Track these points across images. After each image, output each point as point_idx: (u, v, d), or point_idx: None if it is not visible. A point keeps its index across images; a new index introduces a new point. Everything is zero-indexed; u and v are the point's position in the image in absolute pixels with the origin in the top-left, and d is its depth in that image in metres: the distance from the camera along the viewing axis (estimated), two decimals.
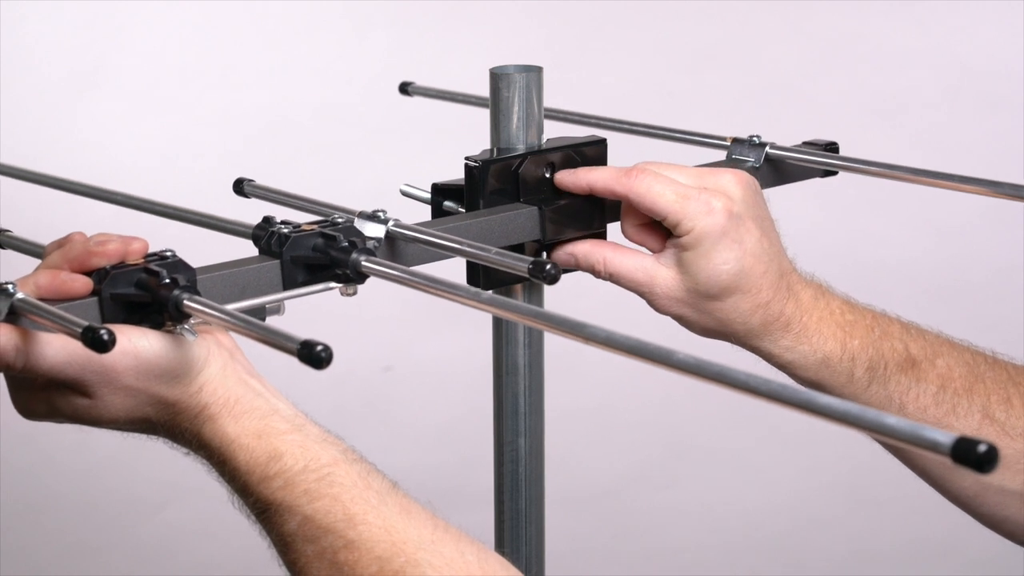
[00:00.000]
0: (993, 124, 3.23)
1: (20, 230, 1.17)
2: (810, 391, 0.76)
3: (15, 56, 3.21)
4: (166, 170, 3.15)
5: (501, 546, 1.28)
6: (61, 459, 2.72)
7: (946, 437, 0.70)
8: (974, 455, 0.69)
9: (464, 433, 2.70)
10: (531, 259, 0.98)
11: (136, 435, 1.03)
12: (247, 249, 1.09)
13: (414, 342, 2.99)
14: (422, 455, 2.73)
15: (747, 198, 1.15)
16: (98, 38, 3.26)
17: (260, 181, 1.26)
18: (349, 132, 3.23)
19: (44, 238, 1.09)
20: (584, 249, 1.19)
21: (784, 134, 1.19)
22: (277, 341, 0.86)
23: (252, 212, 1.20)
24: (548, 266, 0.97)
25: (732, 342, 1.18)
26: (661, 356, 0.82)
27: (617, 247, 1.18)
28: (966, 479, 1.18)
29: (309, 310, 1.15)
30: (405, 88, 1.54)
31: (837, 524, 2.62)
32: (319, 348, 0.83)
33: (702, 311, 1.16)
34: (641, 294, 1.18)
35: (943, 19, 3.31)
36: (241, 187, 1.27)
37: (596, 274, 1.19)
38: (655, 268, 1.16)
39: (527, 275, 0.98)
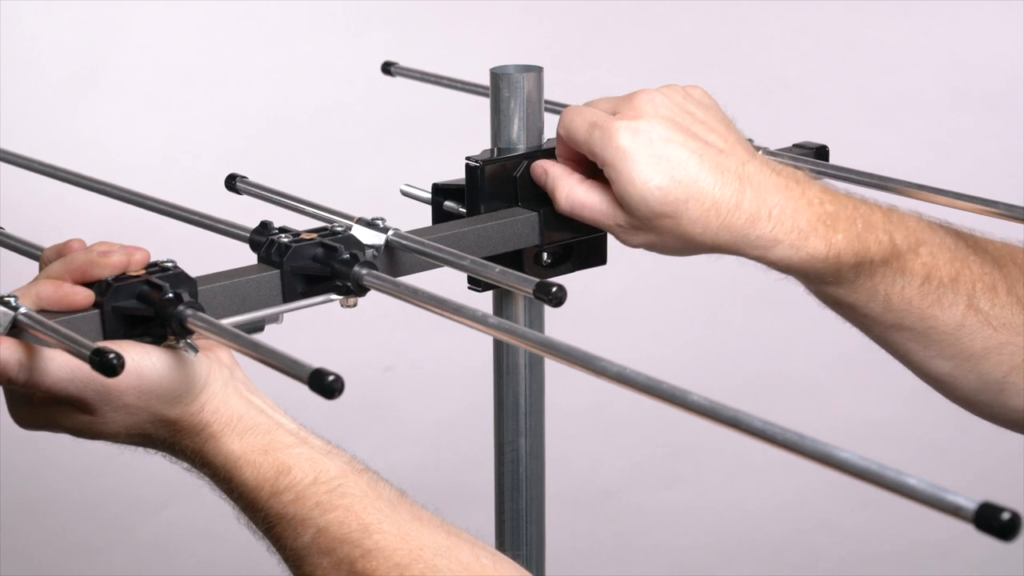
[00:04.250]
0: (993, 124, 3.23)
1: (18, 230, 1.17)
2: (827, 444, 0.74)
3: (15, 56, 3.20)
4: (166, 170, 3.15)
5: (502, 546, 1.28)
6: (61, 459, 2.71)
7: (969, 502, 0.68)
8: (997, 523, 0.67)
9: (464, 433, 2.70)
10: (536, 280, 0.97)
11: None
12: (241, 247, 1.09)
13: (414, 342, 2.99)
14: (422, 455, 2.73)
15: (666, 108, 1.11)
16: (98, 38, 3.26)
17: (260, 181, 1.26)
18: (349, 132, 3.23)
19: (43, 238, 1.09)
20: (556, 172, 1.16)
21: (783, 133, 1.19)
22: (286, 367, 0.85)
23: (248, 210, 1.19)
24: (554, 288, 0.96)
25: (715, 253, 1.14)
26: (675, 397, 0.81)
27: (585, 180, 1.15)
28: (943, 365, 1.17)
29: (309, 311, 1.15)
30: (388, 68, 1.52)
31: (838, 524, 2.62)
32: (331, 378, 0.81)
33: (662, 234, 1.11)
34: (605, 229, 1.16)
35: (943, 19, 3.31)
36: (234, 183, 1.26)
37: (557, 203, 1.16)
38: (614, 204, 1.13)
39: (532, 296, 0.97)
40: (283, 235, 1.05)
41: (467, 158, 1.19)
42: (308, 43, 3.32)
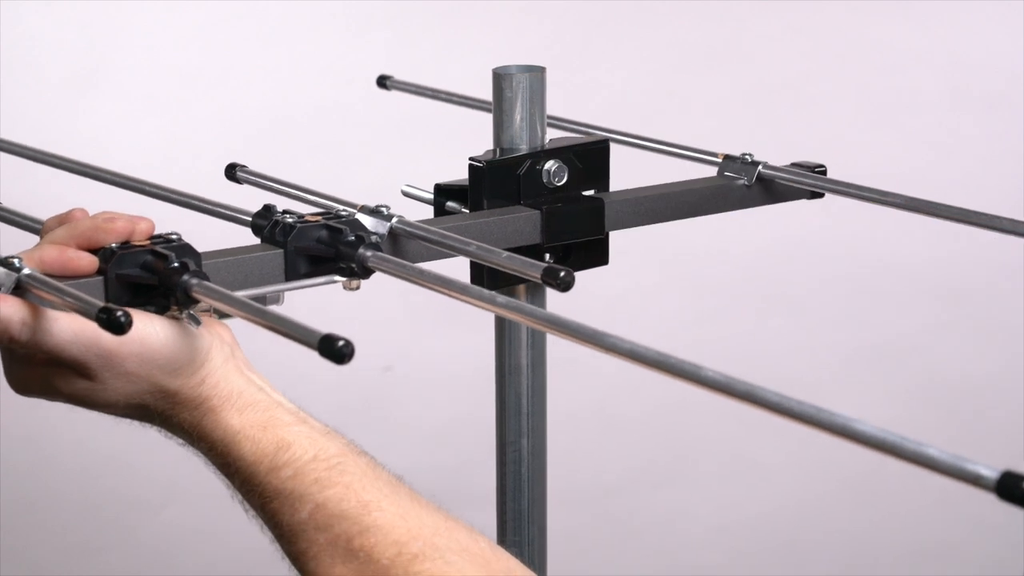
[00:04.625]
0: (993, 124, 3.22)
1: (17, 231, 1.16)
2: (845, 416, 0.73)
3: (15, 56, 3.20)
4: (166, 170, 3.14)
5: (503, 546, 1.28)
6: (61, 459, 2.71)
7: (991, 471, 0.68)
8: (1019, 491, 0.67)
9: (465, 433, 2.70)
10: (544, 264, 0.96)
11: (135, 432, 1.02)
12: (241, 237, 1.08)
13: (414, 342, 2.99)
14: (423, 455, 2.73)
15: None
16: (98, 38, 3.26)
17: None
18: (349, 132, 3.22)
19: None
20: None
21: (784, 134, 1.19)
22: (294, 333, 0.83)
23: (249, 205, 1.19)
24: (562, 272, 0.95)
25: None
26: (688, 372, 0.80)
27: None
28: None
29: (308, 308, 1.15)
30: (383, 82, 1.52)
31: (839, 525, 2.62)
32: (340, 343, 0.80)
33: None
34: None
35: (943, 19, 3.31)
36: (234, 172, 1.26)
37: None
38: None
39: (540, 281, 0.96)
40: (287, 216, 1.05)
41: (471, 158, 1.20)
42: (308, 43, 3.32)
